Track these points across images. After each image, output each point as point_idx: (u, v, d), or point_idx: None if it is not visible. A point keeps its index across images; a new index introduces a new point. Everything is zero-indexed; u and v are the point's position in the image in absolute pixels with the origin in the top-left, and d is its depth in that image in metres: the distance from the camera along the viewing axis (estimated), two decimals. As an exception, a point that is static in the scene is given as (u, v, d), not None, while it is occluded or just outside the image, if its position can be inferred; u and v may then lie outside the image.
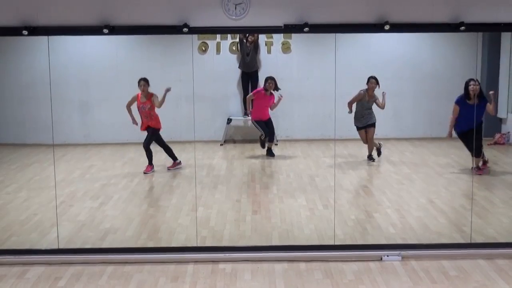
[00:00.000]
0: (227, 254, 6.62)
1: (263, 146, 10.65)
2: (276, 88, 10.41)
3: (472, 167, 8.96)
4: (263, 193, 8.90)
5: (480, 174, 8.92)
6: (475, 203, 7.71)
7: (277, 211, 8.04)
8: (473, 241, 6.88)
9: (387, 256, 6.56)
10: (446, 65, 9.57)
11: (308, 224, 7.54)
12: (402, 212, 7.89)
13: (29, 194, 8.66)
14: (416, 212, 7.96)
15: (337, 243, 6.86)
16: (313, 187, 9.02)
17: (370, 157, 9.79)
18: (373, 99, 9.49)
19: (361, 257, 6.57)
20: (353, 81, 9.62)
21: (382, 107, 9.42)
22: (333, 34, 6.85)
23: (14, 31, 6.34)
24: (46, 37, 6.69)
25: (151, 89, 9.27)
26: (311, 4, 6.42)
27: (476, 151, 8.86)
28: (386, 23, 6.36)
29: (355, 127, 9.67)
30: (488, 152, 9.77)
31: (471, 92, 8.55)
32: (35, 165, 9.76)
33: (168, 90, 8.97)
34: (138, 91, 9.26)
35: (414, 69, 9.73)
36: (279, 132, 10.92)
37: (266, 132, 10.60)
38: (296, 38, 11.03)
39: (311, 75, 10.61)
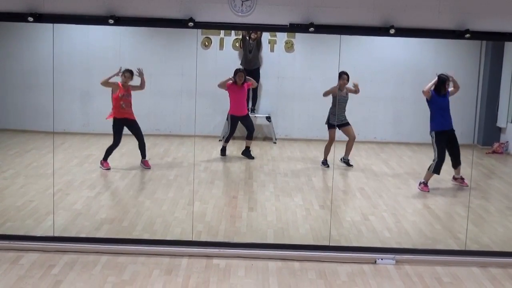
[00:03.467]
0: (222, 250, 6.63)
1: (223, 153, 10.38)
2: (245, 81, 10.23)
3: (454, 177, 9.01)
4: (260, 191, 8.91)
5: (466, 185, 8.93)
6: (471, 211, 7.73)
7: (273, 209, 8.05)
8: (467, 249, 6.89)
9: (381, 259, 6.57)
10: (448, 72, 9.57)
11: (303, 224, 7.55)
12: (398, 217, 7.90)
13: (26, 181, 8.65)
14: (412, 217, 7.98)
15: (332, 244, 6.87)
16: (310, 187, 9.04)
17: (347, 161, 9.80)
18: (346, 95, 9.51)
19: (355, 259, 6.58)
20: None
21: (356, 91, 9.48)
22: (337, 36, 6.85)
23: (20, 17, 6.33)
24: (51, 24, 6.69)
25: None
26: (317, 4, 6.42)
27: (457, 159, 8.88)
28: (392, 27, 6.37)
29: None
30: (486, 161, 9.81)
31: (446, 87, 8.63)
32: (33, 152, 9.76)
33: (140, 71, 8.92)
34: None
35: (416, 74, 9.75)
36: (278, 131, 10.94)
37: (232, 133, 10.37)
38: (299, 38, 11.06)
39: (313, 75, 10.63)
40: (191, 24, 6.38)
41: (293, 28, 6.51)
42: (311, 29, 6.39)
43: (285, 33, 10.70)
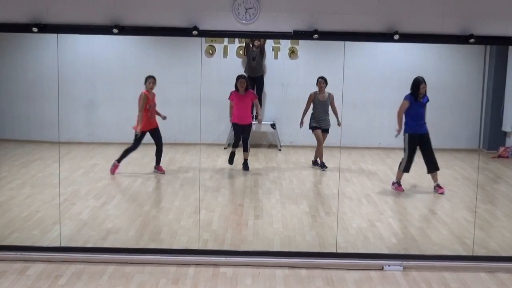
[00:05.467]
0: (229, 258, 6.62)
1: (231, 161, 10.19)
2: (247, 88, 10.11)
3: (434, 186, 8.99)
4: (265, 198, 8.89)
5: (442, 193, 8.90)
6: (477, 216, 7.70)
7: (279, 217, 8.04)
8: (475, 254, 6.87)
9: (389, 266, 6.55)
10: (453, 77, 9.57)
11: (310, 231, 7.54)
12: (405, 222, 7.88)
13: (32, 191, 8.65)
14: (418, 223, 7.95)
15: (339, 251, 6.85)
16: (315, 194, 9.03)
17: (323, 165, 9.89)
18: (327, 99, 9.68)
19: (363, 266, 6.57)
20: (359, 89, 9.62)
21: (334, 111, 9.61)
22: (341, 42, 6.84)
23: (24, 27, 6.36)
24: (56, 34, 6.70)
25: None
26: (321, 11, 6.43)
27: (433, 164, 8.87)
28: (396, 33, 6.37)
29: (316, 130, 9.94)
30: (492, 165, 9.77)
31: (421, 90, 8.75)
32: (38, 162, 9.77)
33: None
34: (141, 91, 9.18)
35: (421, 79, 9.72)
36: (283, 138, 10.91)
37: (237, 140, 10.16)
38: (303, 44, 11.03)
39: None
40: (195, 32, 6.39)
41: (297, 35, 6.53)
42: (316, 36, 6.40)
43: (288, 40, 10.68)
